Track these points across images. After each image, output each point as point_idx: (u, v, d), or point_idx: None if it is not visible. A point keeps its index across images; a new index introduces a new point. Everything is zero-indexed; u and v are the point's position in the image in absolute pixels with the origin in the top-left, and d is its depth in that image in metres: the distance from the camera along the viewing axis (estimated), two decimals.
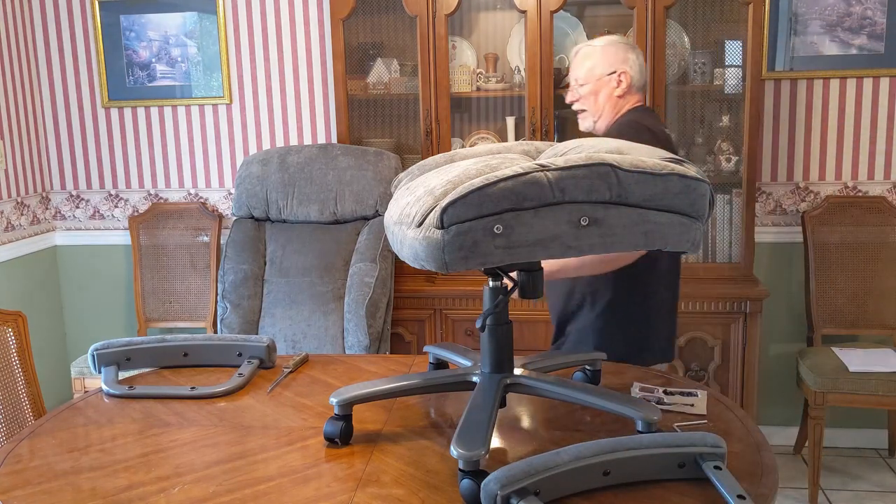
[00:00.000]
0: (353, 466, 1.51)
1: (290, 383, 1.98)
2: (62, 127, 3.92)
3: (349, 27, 3.44)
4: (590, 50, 2.32)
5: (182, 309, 3.82)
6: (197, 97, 3.81)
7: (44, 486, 1.47)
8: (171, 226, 3.83)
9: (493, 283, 1.56)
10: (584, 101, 2.31)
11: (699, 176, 1.45)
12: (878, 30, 3.42)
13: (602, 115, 2.31)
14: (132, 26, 3.79)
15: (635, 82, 2.30)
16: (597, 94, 2.29)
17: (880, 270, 3.47)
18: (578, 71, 2.32)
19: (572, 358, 1.89)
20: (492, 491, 1.23)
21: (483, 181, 1.33)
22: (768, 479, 1.41)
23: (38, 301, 3.87)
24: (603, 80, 2.28)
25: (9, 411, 2.27)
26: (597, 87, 2.29)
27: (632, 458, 1.35)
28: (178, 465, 1.54)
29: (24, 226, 3.79)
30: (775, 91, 3.53)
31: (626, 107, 2.31)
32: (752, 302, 3.19)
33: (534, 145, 1.69)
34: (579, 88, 2.31)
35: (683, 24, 3.39)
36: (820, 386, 3.13)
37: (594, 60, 2.30)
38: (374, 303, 3.11)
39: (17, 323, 2.34)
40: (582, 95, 2.31)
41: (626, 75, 2.28)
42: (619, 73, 2.28)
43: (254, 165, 3.41)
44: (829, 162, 3.56)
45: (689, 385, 1.87)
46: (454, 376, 1.72)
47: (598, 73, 2.28)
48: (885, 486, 3.36)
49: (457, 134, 3.56)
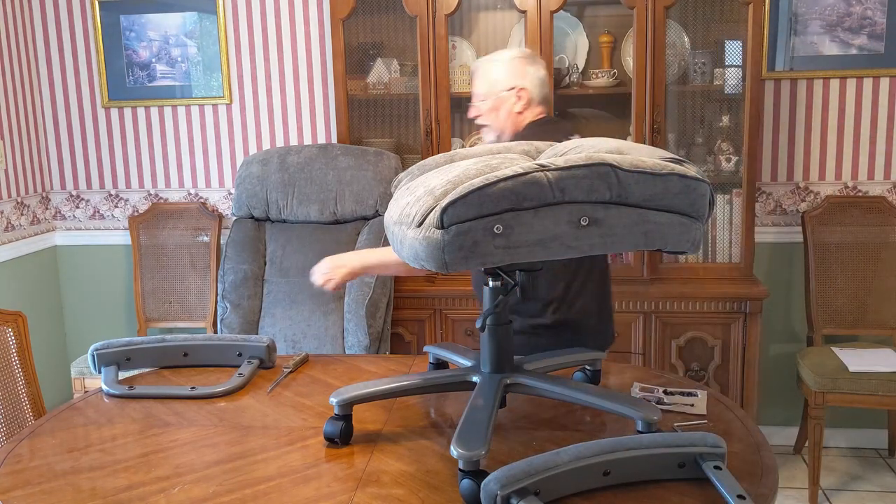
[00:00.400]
0: (353, 466, 1.51)
1: (290, 383, 1.98)
2: (62, 127, 3.92)
3: (349, 27, 3.44)
4: (489, 66, 2.32)
5: (182, 309, 3.81)
6: (197, 97, 3.81)
7: (44, 486, 1.47)
8: (171, 226, 3.83)
9: (493, 283, 1.56)
10: (486, 117, 2.31)
11: (699, 176, 1.45)
12: (878, 30, 3.42)
13: (504, 131, 2.30)
14: (132, 26, 3.79)
15: (535, 96, 2.29)
16: (497, 109, 2.28)
17: (880, 270, 3.47)
18: (479, 87, 2.31)
19: (572, 358, 1.89)
20: (492, 491, 1.23)
21: (483, 181, 1.33)
22: (768, 479, 1.41)
23: (38, 301, 3.87)
24: (502, 96, 2.27)
25: (9, 411, 2.27)
26: (496, 103, 2.28)
27: (632, 458, 1.35)
28: (178, 465, 1.54)
29: (24, 226, 3.79)
30: (775, 91, 3.53)
31: (525, 122, 2.30)
32: (752, 302, 3.19)
33: (534, 145, 1.69)
34: (480, 104, 2.31)
35: (683, 24, 3.39)
36: (820, 386, 3.13)
37: (493, 76, 2.29)
38: (374, 303, 3.11)
39: (17, 323, 2.34)
40: (483, 111, 2.31)
41: (526, 91, 2.27)
42: (517, 88, 2.26)
43: (254, 165, 3.41)
44: (829, 162, 3.56)
45: (689, 385, 1.87)
46: (454, 376, 1.73)
47: (498, 90, 2.27)
48: (885, 486, 3.36)
49: (457, 134, 3.56)
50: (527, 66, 2.30)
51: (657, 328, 3.25)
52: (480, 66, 2.34)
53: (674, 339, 3.27)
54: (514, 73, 2.28)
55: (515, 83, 2.27)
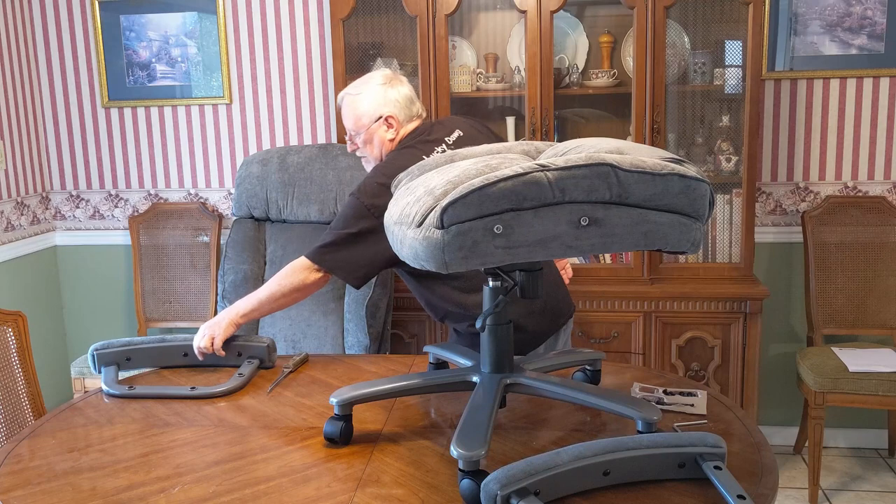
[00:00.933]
0: (353, 466, 1.51)
1: (290, 383, 1.98)
2: (62, 127, 3.92)
3: (349, 27, 3.44)
4: (350, 100, 2.29)
5: (182, 309, 3.81)
6: (197, 97, 3.81)
7: (44, 486, 1.48)
8: (171, 226, 3.83)
9: (493, 283, 1.56)
10: (363, 150, 2.32)
11: (699, 176, 1.45)
12: (878, 30, 3.42)
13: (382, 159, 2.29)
14: (132, 26, 3.79)
15: (403, 118, 2.27)
16: (371, 142, 2.28)
17: (880, 270, 3.47)
18: (347, 122, 2.30)
19: (572, 358, 1.89)
20: (492, 491, 1.23)
21: (483, 181, 1.33)
22: (768, 479, 1.41)
23: (38, 301, 3.87)
24: (371, 127, 2.26)
25: (9, 411, 2.28)
26: (367, 135, 2.27)
27: (632, 458, 1.35)
28: (178, 465, 1.54)
29: (24, 226, 3.79)
30: (775, 91, 3.53)
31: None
32: (752, 302, 3.19)
33: (534, 145, 1.69)
34: (355, 138, 2.30)
35: (683, 24, 3.39)
36: (820, 386, 3.13)
37: (359, 111, 2.27)
38: (375, 303, 3.11)
39: (17, 323, 2.34)
40: (359, 145, 2.31)
41: (393, 118, 2.26)
42: (384, 117, 2.25)
43: (254, 165, 3.41)
44: (829, 162, 3.56)
45: (689, 385, 1.87)
46: (454, 376, 1.73)
47: (366, 123, 2.26)
48: (885, 486, 3.36)
49: None
50: (387, 91, 2.27)
51: (657, 328, 3.25)
52: (343, 101, 2.32)
53: (674, 339, 3.27)
54: (377, 102, 2.26)
55: (381, 112, 2.25)
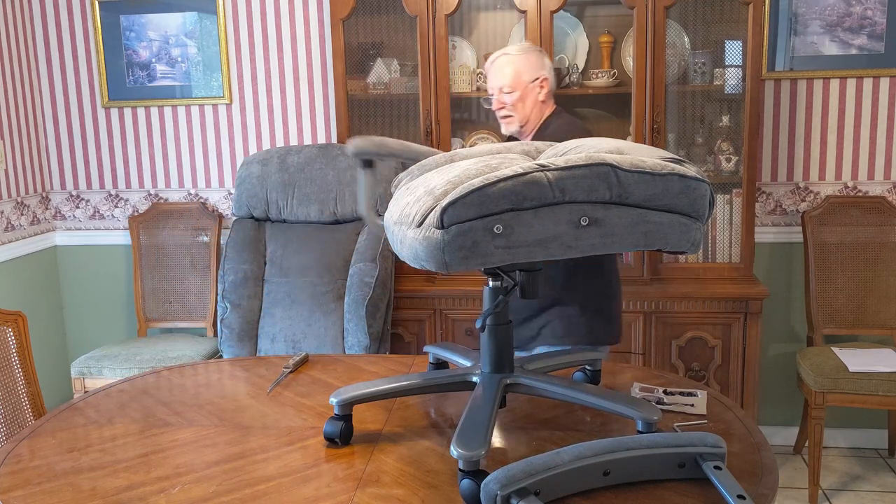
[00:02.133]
0: (353, 466, 1.51)
1: (290, 383, 1.98)
2: (62, 127, 3.92)
3: (349, 27, 3.44)
4: (509, 58, 2.41)
5: (182, 309, 3.81)
6: (197, 97, 3.81)
7: (44, 486, 1.47)
8: (171, 226, 3.83)
9: (493, 283, 1.56)
10: (512, 108, 2.39)
11: (699, 176, 1.45)
12: (878, 30, 3.42)
13: (529, 120, 2.40)
14: (132, 26, 3.79)
15: (553, 87, 2.43)
16: (524, 100, 2.38)
17: (880, 270, 3.47)
18: (502, 79, 2.39)
19: (572, 358, 1.89)
20: (492, 491, 1.23)
21: (483, 181, 1.32)
22: (768, 479, 1.41)
23: (38, 301, 3.87)
24: (528, 86, 2.37)
25: (9, 411, 2.27)
26: (524, 93, 2.37)
27: (632, 458, 1.35)
28: (178, 465, 1.54)
29: (24, 226, 3.79)
30: (775, 91, 3.53)
31: (547, 111, 2.42)
32: (752, 302, 3.19)
33: (534, 145, 1.69)
34: (505, 96, 2.39)
35: (683, 24, 3.39)
36: (820, 386, 3.13)
37: (517, 67, 2.38)
38: (374, 303, 3.11)
39: (17, 323, 2.34)
40: (508, 102, 2.39)
41: (547, 81, 2.40)
42: (541, 79, 2.39)
43: (254, 165, 3.41)
44: (829, 162, 3.56)
45: (689, 385, 1.87)
46: (454, 376, 1.72)
47: (525, 81, 2.37)
48: (885, 486, 3.36)
49: (457, 134, 3.56)
50: (544, 58, 2.44)
51: (657, 328, 3.25)
52: (499, 60, 2.42)
53: (674, 339, 3.27)
54: (536, 64, 2.39)
55: (539, 74, 2.38)
